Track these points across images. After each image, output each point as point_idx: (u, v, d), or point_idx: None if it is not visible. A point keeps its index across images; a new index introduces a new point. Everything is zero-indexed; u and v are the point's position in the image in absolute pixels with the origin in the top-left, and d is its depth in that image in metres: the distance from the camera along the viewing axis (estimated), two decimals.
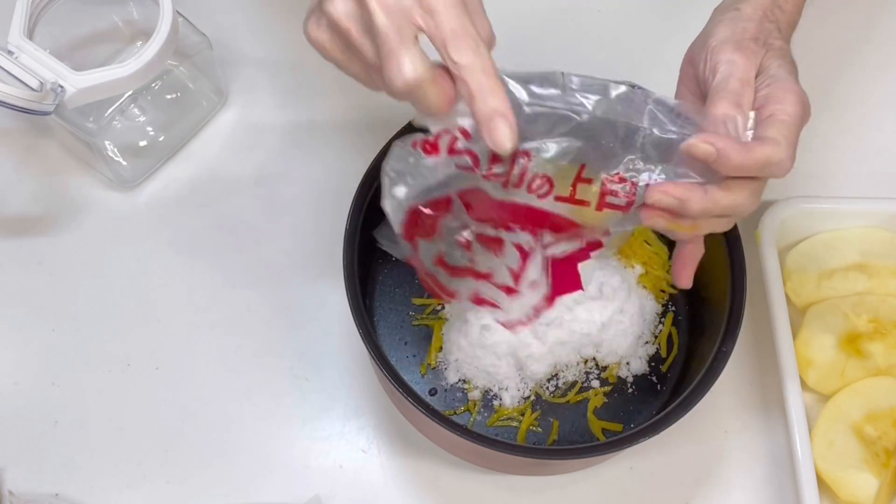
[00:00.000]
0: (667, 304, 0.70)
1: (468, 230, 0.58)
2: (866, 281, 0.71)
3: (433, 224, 0.56)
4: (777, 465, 0.68)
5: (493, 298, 0.62)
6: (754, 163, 0.49)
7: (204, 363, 0.70)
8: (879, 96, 0.82)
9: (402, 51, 0.46)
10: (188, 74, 0.76)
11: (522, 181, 0.53)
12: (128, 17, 0.74)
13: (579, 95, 0.51)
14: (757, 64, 0.53)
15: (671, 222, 0.52)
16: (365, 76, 0.51)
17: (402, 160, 0.52)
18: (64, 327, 0.71)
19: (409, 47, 0.46)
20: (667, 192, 0.50)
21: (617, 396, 0.68)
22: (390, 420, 0.68)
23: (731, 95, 0.52)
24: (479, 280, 0.61)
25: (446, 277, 0.60)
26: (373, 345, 0.58)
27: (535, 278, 0.61)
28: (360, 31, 0.48)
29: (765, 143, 0.50)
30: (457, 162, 0.51)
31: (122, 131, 0.74)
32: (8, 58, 0.63)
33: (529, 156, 0.51)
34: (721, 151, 0.49)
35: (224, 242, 0.74)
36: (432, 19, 0.46)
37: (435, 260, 0.59)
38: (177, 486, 0.66)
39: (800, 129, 0.51)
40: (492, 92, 0.47)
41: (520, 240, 0.60)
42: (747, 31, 0.54)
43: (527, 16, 0.84)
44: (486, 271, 0.60)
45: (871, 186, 0.78)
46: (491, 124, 0.47)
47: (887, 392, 0.67)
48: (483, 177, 0.52)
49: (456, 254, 0.59)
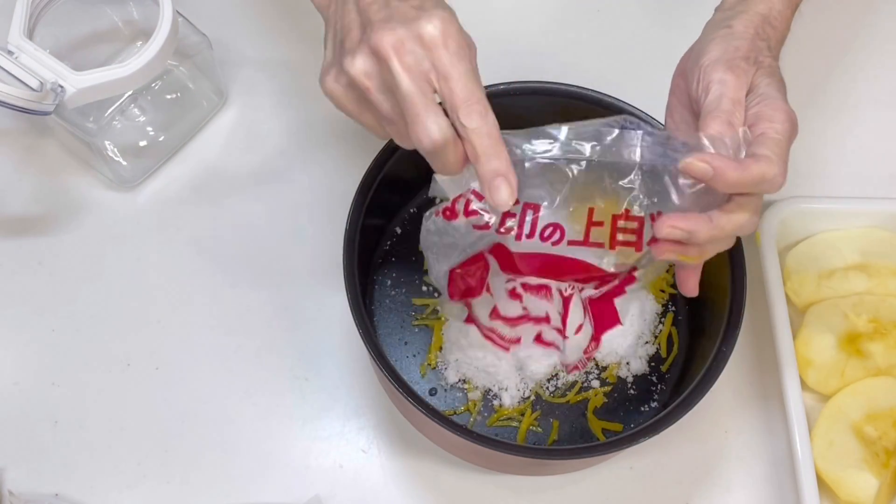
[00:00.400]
0: (667, 304, 0.70)
1: (515, 282, 0.60)
2: (866, 281, 0.71)
3: (478, 283, 0.60)
4: (777, 465, 0.68)
5: (554, 341, 0.64)
6: (750, 179, 0.51)
7: (204, 363, 0.70)
8: (879, 96, 0.82)
9: (429, 114, 0.49)
10: (188, 74, 0.76)
11: (534, 232, 0.56)
12: (128, 17, 0.74)
13: (575, 144, 0.54)
14: (748, 83, 0.55)
15: (680, 254, 0.55)
16: (378, 127, 0.54)
17: (430, 233, 0.56)
18: (64, 327, 0.70)
19: (434, 111, 0.49)
20: (675, 226, 0.52)
21: (617, 396, 0.68)
22: (390, 420, 0.68)
23: (723, 115, 0.53)
24: (539, 324, 0.64)
25: (505, 328, 0.64)
26: (373, 345, 0.58)
27: (579, 321, 0.63)
28: (378, 90, 0.51)
29: (759, 160, 0.52)
30: (474, 223, 0.55)
31: (122, 131, 0.74)
32: (8, 58, 0.63)
33: (538, 208, 0.55)
34: (717, 169, 0.51)
35: (224, 242, 0.74)
36: (447, 84, 0.49)
37: (491, 315, 0.63)
38: (177, 486, 0.66)
39: (790, 145, 0.53)
40: (495, 154, 0.50)
41: (560, 286, 0.62)
42: (739, 50, 0.56)
43: (527, 19, 0.84)
44: (542, 316, 0.63)
45: (871, 186, 0.78)
46: (492, 184, 0.50)
47: (887, 392, 0.67)
48: (497, 233, 0.55)
49: (510, 306, 0.63)
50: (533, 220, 0.55)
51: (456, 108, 0.49)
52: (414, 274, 0.70)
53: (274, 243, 0.74)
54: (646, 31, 0.83)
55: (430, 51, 0.49)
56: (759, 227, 0.71)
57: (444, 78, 0.49)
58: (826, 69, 0.83)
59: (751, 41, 0.56)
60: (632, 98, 0.66)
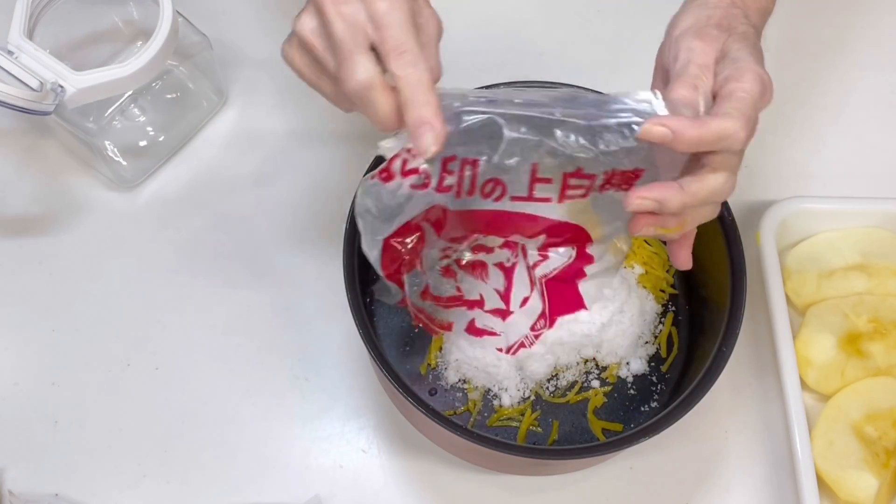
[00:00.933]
0: (667, 304, 0.70)
1: (449, 258, 0.59)
2: (866, 281, 0.71)
3: (412, 257, 0.57)
4: (777, 465, 0.68)
5: (490, 327, 0.63)
6: (710, 135, 0.50)
7: (204, 363, 0.70)
8: (879, 96, 0.82)
9: (354, 56, 0.49)
10: (188, 74, 0.76)
11: (474, 187, 0.54)
12: (128, 17, 0.74)
13: (518, 99, 0.52)
14: (717, 48, 0.54)
15: (658, 227, 0.54)
16: (334, 95, 0.54)
17: (365, 196, 0.54)
18: (64, 327, 0.71)
19: (361, 53, 0.50)
20: (644, 197, 0.51)
21: (617, 396, 0.68)
22: (390, 420, 0.68)
23: (689, 79, 0.53)
24: (473, 309, 0.62)
25: (435, 309, 0.61)
26: (373, 345, 0.58)
27: (525, 295, 0.61)
28: (323, 46, 0.51)
29: (718, 116, 0.51)
30: (411, 182, 0.53)
31: (122, 131, 0.74)
32: (8, 58, 0.63)
33: (476, 163, 0.53)
34: (676, 131, 0.50)
35: (224, 242, 0.74)
36: (379, 33, 0.50)
37: (422, 293, 0.60)
38: (177, 486, 0.66)
39: (758, 105, 0.52)
40: (423, 102, 0.50)
41: (500, 258, 0.61)
42: (711, 19, 0.55)
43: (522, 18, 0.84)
44: (476, 299, 0.61)
45: (871, 186, 0.78)
46: (417, 131, 0.50)
47: (887, 392, 0.67)
48: (435, 191, 0.53)
49: (442, 285, 0.60)
50: (472, 175, 0.54)
51: (388, 54, 0.49)
52: None
53: (274, 243, 0.74)
54: (644, 30, 0.83)
55: (368, 3, 0.49)
56: (759, 227, 0.71)
57: (377, 27, 0.49)
58: (826, 69, 0.83)
59: (725, 10, 0.56)
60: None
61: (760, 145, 0.80)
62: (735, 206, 0.65)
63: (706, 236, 0.65)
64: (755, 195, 0.75)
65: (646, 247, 0.71)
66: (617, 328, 0.66)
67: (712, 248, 0.64)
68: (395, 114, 0.51)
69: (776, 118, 0.81)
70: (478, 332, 0.64)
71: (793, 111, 0.81)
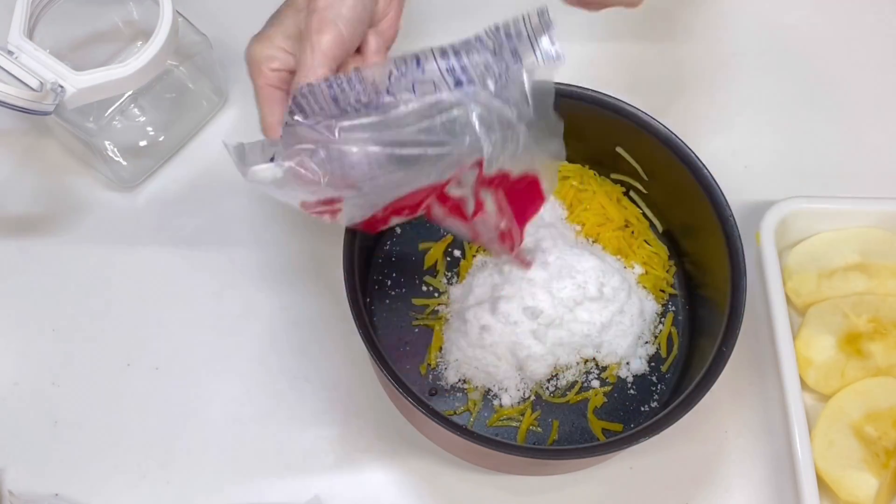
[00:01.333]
0: (667, 304, 0.70)
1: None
2: (866, 281, 0.71)
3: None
4: (777, 465, 0.68)
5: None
6: None
7: (204, 363, 0.70)
8: (879, 96, 0.82)
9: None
10: (188, 74, 0.76)
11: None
12: (128, 17, 0.74)
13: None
14: None
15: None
16: None
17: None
18: (64, 327, 0.71)
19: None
20: None
21: (617, 396, 0.68)
22: (390, 420, 0.68)
23: None
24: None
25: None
26: (373, 345, 0.58)
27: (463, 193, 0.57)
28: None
29: None
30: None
31: (122, 131, 0.74)
32: (8, 58, 0.63)
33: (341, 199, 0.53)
34: None
35: (224, 242, 0.74)
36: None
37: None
38: (177, 487, 0.66)
39: None
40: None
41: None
42: None
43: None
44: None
45: (871, 186, 0.78)
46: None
47: (887, 392, 0.67)
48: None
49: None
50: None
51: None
52: (414, 274, 0.70)
53: (274, 243, 0.74)
54: (647, 35, 0.83)
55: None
56: (759, 227, 0.71)
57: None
58: (827, 69, 0.83)
59: None
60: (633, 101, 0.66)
61: (760, 145, 0.80)
62: (735, 206, 0.65)
63: (706, 236, 0.65)
64: (755, 195, 0.75)
65: (646, 247, 0.71)
66: (617, 328, 0.66)
67: (712, 248, 0.64)
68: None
69: (776, 118, 0.81)
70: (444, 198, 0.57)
71: (793, 111, 0.81)
